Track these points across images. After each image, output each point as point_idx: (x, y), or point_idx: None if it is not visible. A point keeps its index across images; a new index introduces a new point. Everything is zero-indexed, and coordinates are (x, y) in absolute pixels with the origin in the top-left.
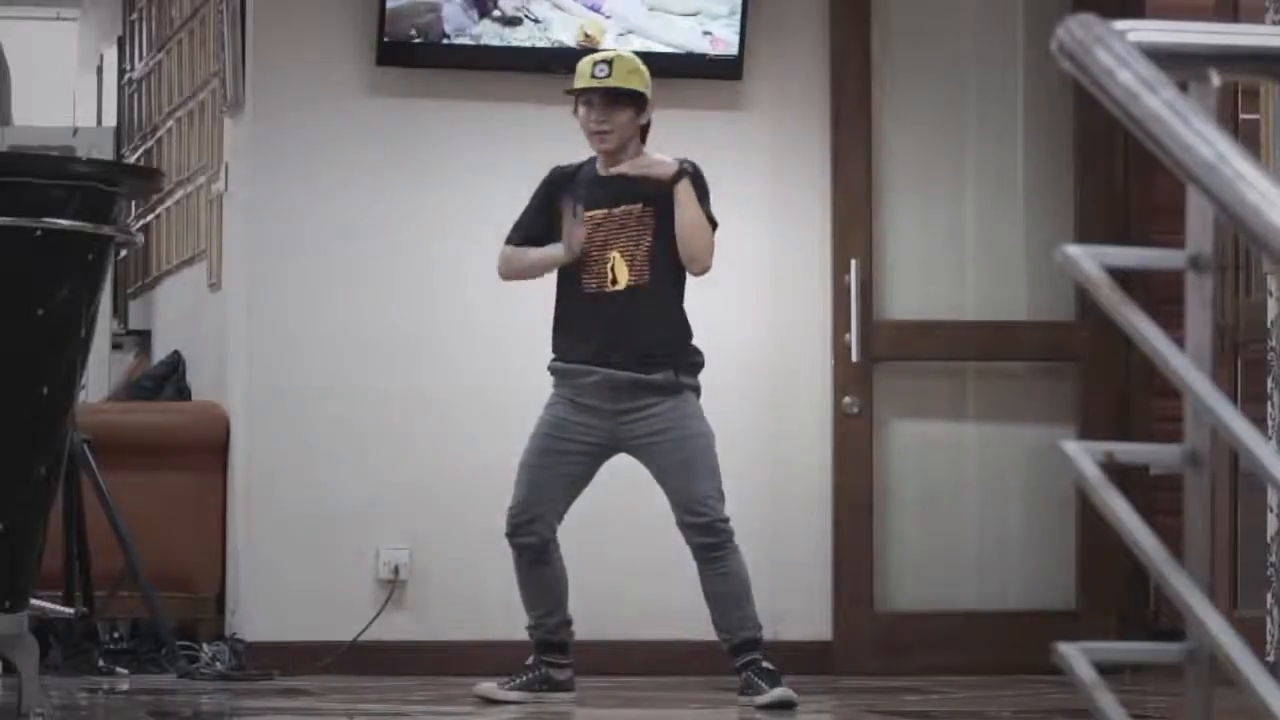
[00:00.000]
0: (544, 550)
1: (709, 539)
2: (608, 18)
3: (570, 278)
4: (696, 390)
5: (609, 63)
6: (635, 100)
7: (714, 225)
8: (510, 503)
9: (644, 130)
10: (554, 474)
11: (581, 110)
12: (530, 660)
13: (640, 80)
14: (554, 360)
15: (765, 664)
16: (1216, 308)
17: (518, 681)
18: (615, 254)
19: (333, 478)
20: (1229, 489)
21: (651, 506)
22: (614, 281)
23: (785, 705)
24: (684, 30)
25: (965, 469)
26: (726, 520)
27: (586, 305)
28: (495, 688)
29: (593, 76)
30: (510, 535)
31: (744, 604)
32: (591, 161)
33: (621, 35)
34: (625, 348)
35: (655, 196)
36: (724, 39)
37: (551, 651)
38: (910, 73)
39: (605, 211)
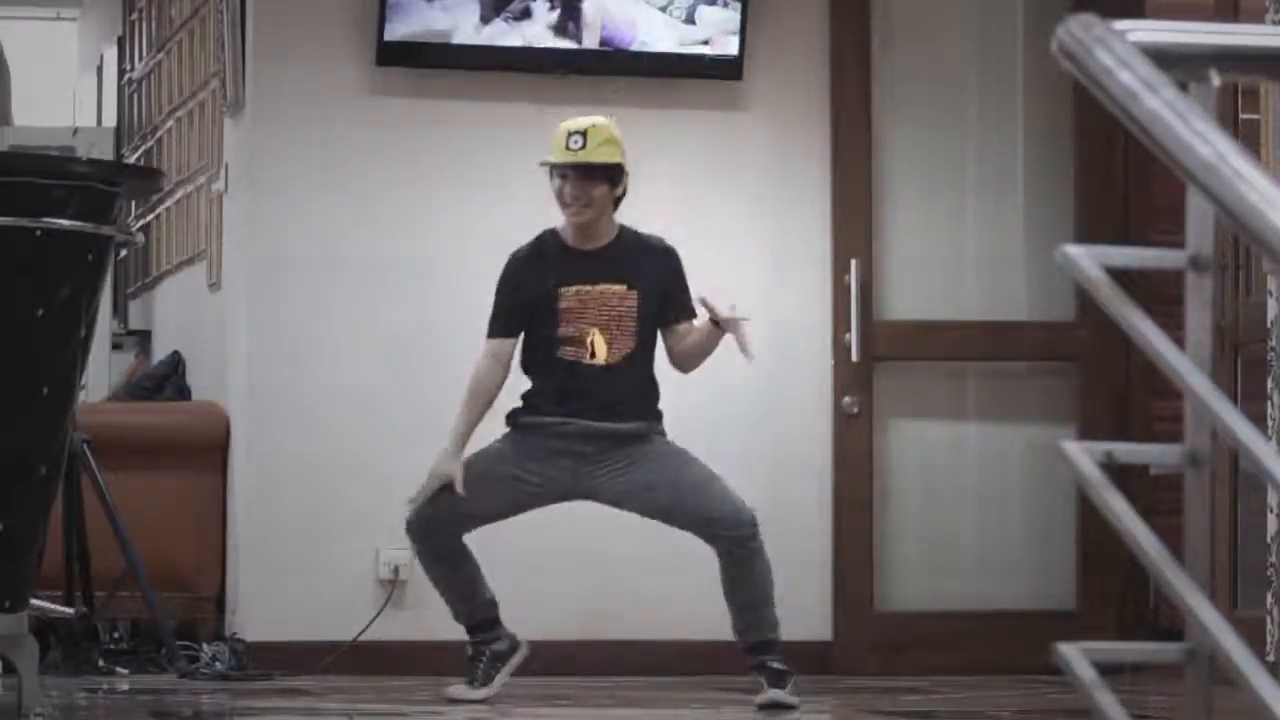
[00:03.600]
0: (456, 548)
1: (740, 532)
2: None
3: (545, 344)
4: (662, 434)
5: (583, 134)
6: (610, 172)
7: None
8: (418, 501)
9: (618, 200)
10: (486, 498)
11: (556, 182)
12: (470, 652)
13: (615, 151)
14: (520, 413)
15: (774, 664)
16: (1216, 308)
17: (477, 677)
18: (596, 330)
19: (333, 478)
20: (1229, 489)
21: None
22: (592, 355)
23: (780, 706)
24: (684, 30)
25: (965, 469)
26: (752, 511)
27: (561, 371)
28: (465, 689)
29: (567, 149)
30: (416, 538)
31: (765, 607)
32: (552, 235)
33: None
34: (599, 408)
35: (637, 278)
36: (724, 39)
37: (483, 630)
38: (910, 73)
39: (587, 288)
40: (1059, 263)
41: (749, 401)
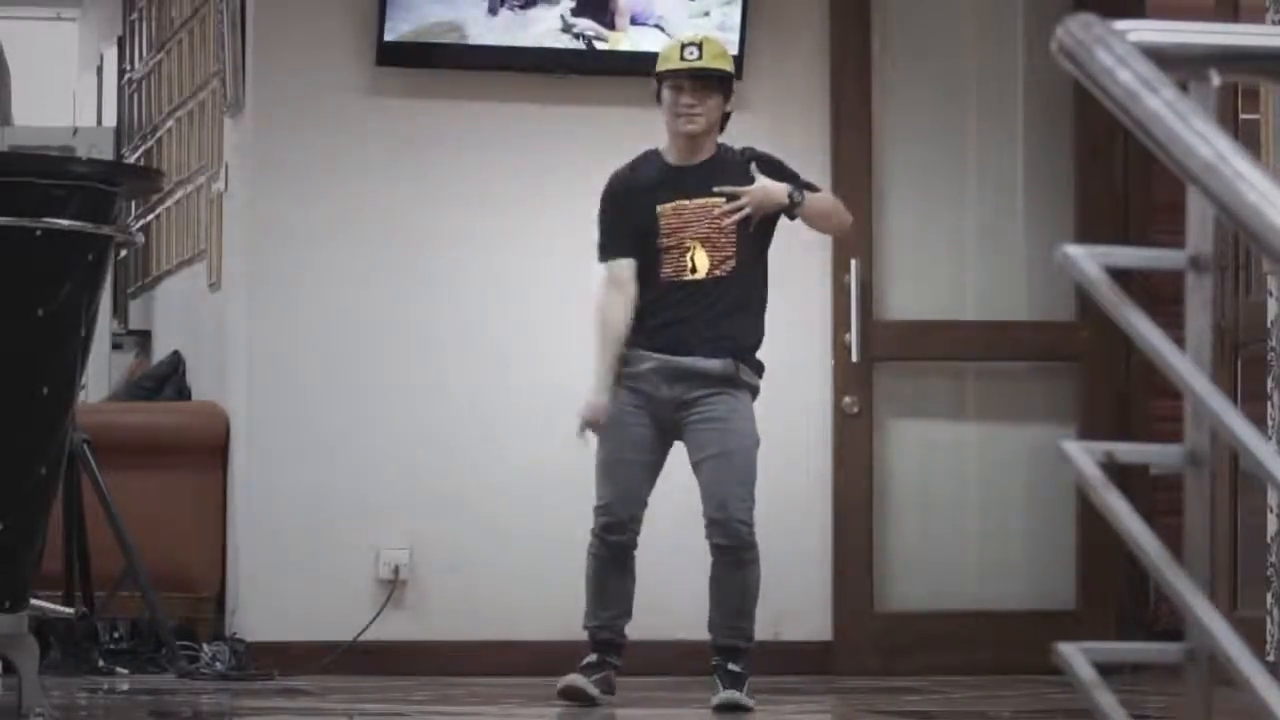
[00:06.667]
0: (632, 549)
1: (726, 541)
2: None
3: (651, 267)
4: (755, 391)
5: (698, 45)
6: (724, 84)
7: (817, 188)
8: (599, 500)
9: (725, 118)
10: (636, 466)
11: (668, 94)
12: (595, 658)
13: (728, 63)
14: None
15: (732, 667)
16: (1216, 308)
17: (595, 678)
18: (695, 243)
19: (333, 478)
20: (1229, 489)
21: (653, 506)
22: (693, 270)
23: (730, 706)
24: (689, 30)
25: (965, 469)
26: (749, 526)
27: (662, 293)
28: (582, 678)
29: (682, 59)
30: (604, 533)
31: (740, 616)
32: (649, 157)
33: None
34: (688, 333)
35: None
36: (724, 39)
37: (615, 652)
38: (910, 73)
39: (684, 202)
40: (1059, 263)
41: None
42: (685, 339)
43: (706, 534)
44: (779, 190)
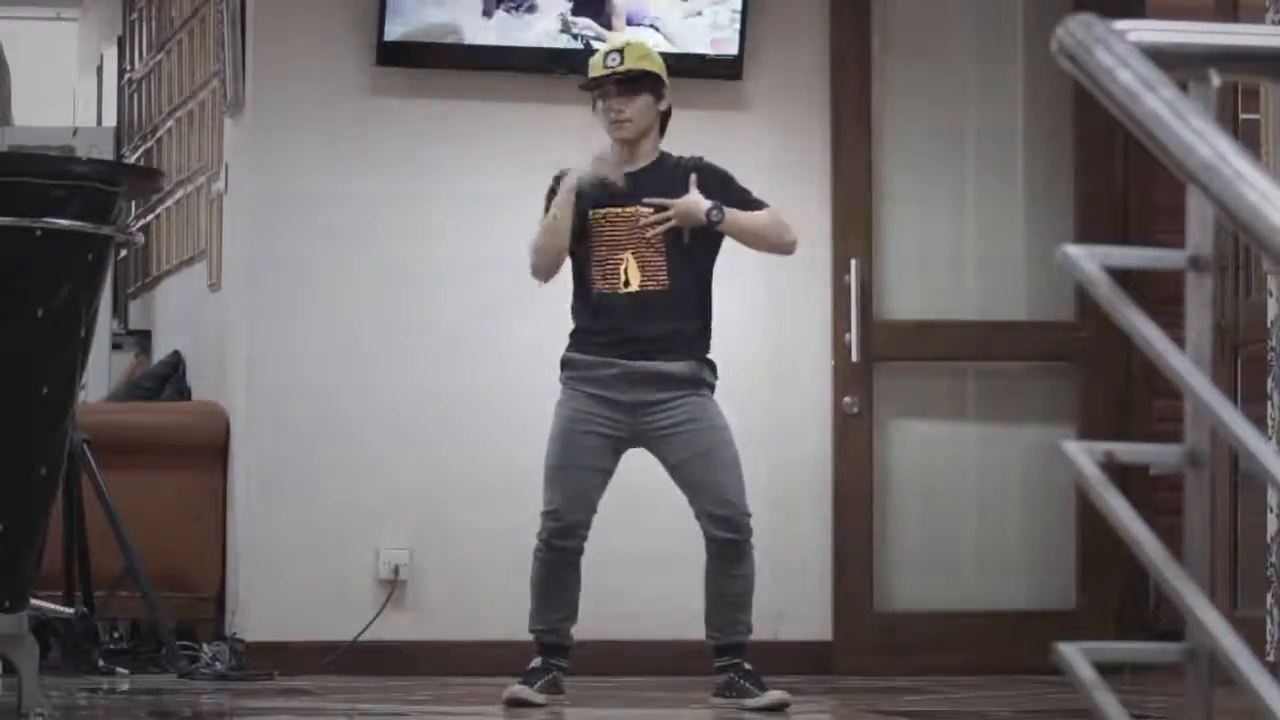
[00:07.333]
0: (579, 554)
1: (731, 534)
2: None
3: (583, 278)
4: (713, 389)
5: (620, 51)
6: (651, 85)
7: (764, 205)
8: (547, 505)
9: (664, 119)
10: (588, 472)
11: (599, 103)
12: (539, 663)
13: (652, 63)
14: (568, 351)
15: (748, 666)
16: (1216, 308)
17: (539, 684)
18: (628, 255)
19: (333, 478)
20: (1229, 489)
21: (651, 506)
22: (625, 284)
23: (781, 707)
24: (685, 30)
25: (965, 469)
26: (749, 516)
27: (597, 305)
28: (526, 689)
29: (605, 66)
30: (550, 538)
31: (744, 609)
32: None
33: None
34: (639, 341)
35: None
36: (724, 39)
37: (560, 654)
38: (910, 73)
39: (617, 210)
40: (1059, 263)
41: (749, 401)
42: (643, 346)
43: (706, 529)
44: (701, 204)
